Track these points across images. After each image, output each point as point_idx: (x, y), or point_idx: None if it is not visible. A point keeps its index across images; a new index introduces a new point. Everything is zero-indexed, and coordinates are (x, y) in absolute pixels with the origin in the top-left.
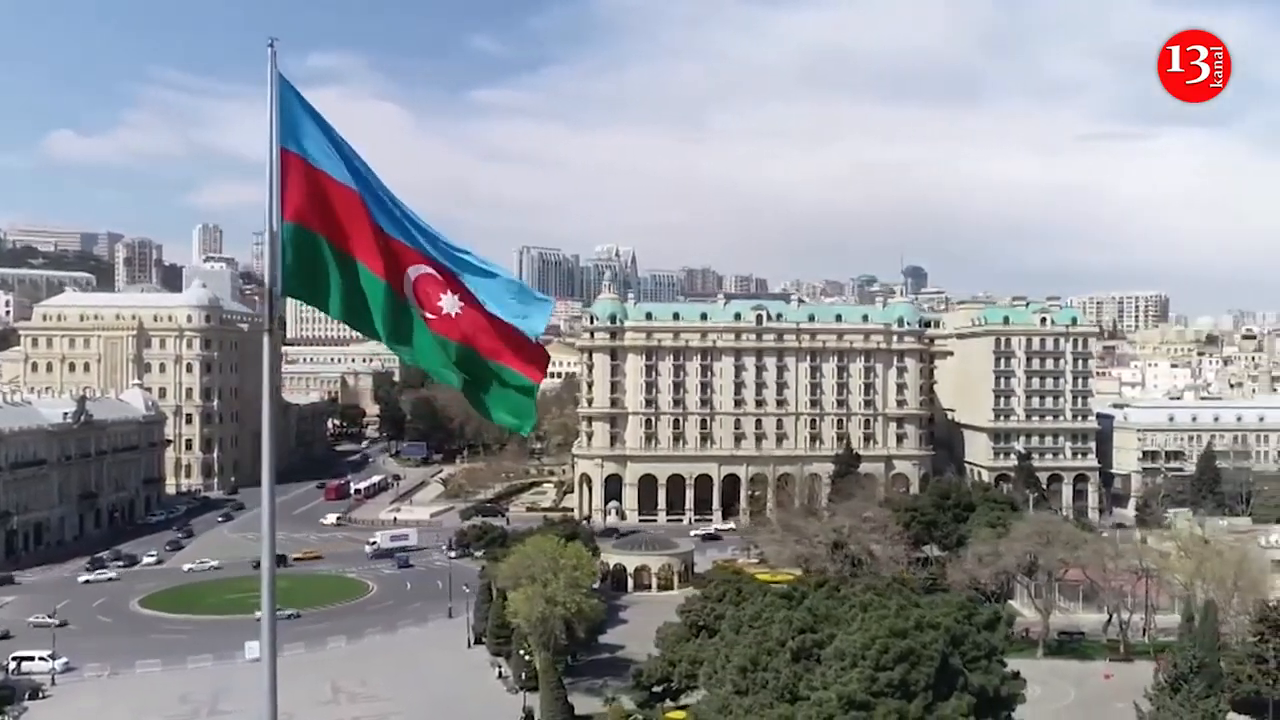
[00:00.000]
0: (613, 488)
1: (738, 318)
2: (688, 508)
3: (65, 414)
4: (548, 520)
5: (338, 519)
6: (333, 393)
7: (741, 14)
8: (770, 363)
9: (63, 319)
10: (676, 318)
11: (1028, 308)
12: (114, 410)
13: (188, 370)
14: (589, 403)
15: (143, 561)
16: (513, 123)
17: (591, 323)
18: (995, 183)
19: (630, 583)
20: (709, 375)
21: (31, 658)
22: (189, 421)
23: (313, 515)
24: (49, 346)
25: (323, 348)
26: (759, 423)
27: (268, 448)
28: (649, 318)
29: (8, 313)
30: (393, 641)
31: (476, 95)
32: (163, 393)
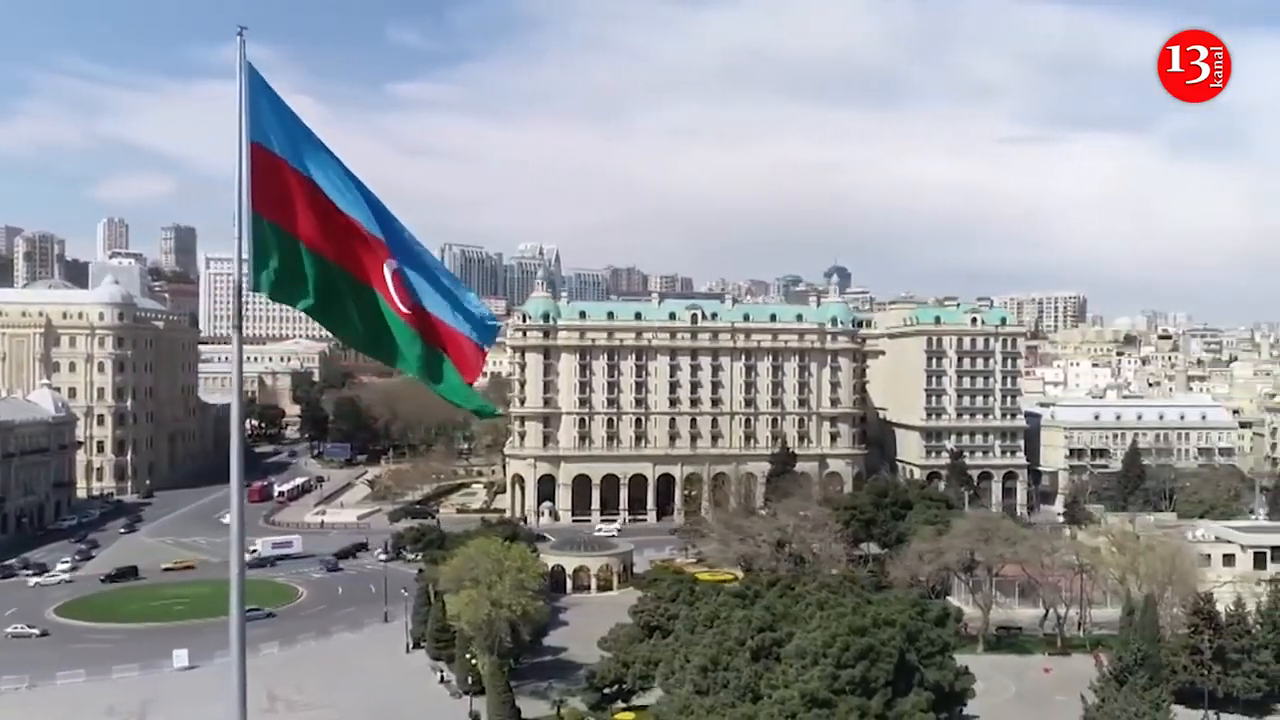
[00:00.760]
0: (546, 488)
1: (672, 317)
2: (622, 508)
3: None
4: (485, 522)
5: (263, 520)
6: (250, 393)
7: (662, 11)
8: (705, 362)
9: None
10: (611, 316)
11: (959, 308)
12: (20, 411)
13: (99, 370)
14: (521, 402)
15: (57, 569)
16: (433, 117)
17: (524, 321)
18: (917, 184)
19: (569, 584)
20: (643, 374)
21: None
22: (101, 423)
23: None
24: None
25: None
26: (694, 422)
27: (236, 448)
28: (583, 316)
29: None
30: (327, 647)
31: (396, 89)
32: (73, 393)
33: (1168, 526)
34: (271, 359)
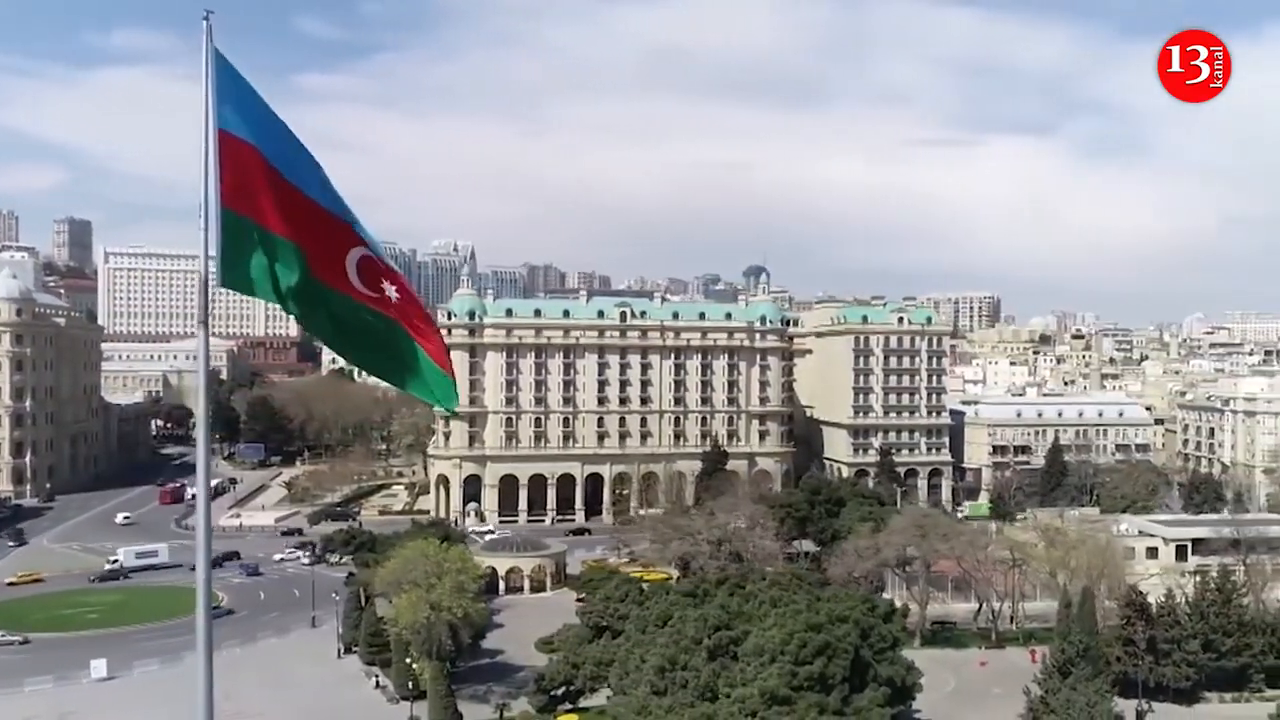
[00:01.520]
0: (472, 489)
1: (601, 315)
2: (549, 508)
3: None
4: (416, 523)
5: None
6: (154, 392)
7: (578, 7)
8: (634, 360)
9: None
10: (538, 314)
11: (885, 307)
12: None
13: None
14: None
15: None
16: (345, 110)
17: (449, 319)
18: (833, 185)
19: (502, 585)
20: (571, 373)
21: None
22: None
23: (148, 522)
24: None
25: (142, 344)
26: (623, 421)
27: (202, 445)
28: (509, 314)
29: None
30: (254, 654)
31: (305, 80)
32: None
33: (1093, 521)
34: (176, 357)
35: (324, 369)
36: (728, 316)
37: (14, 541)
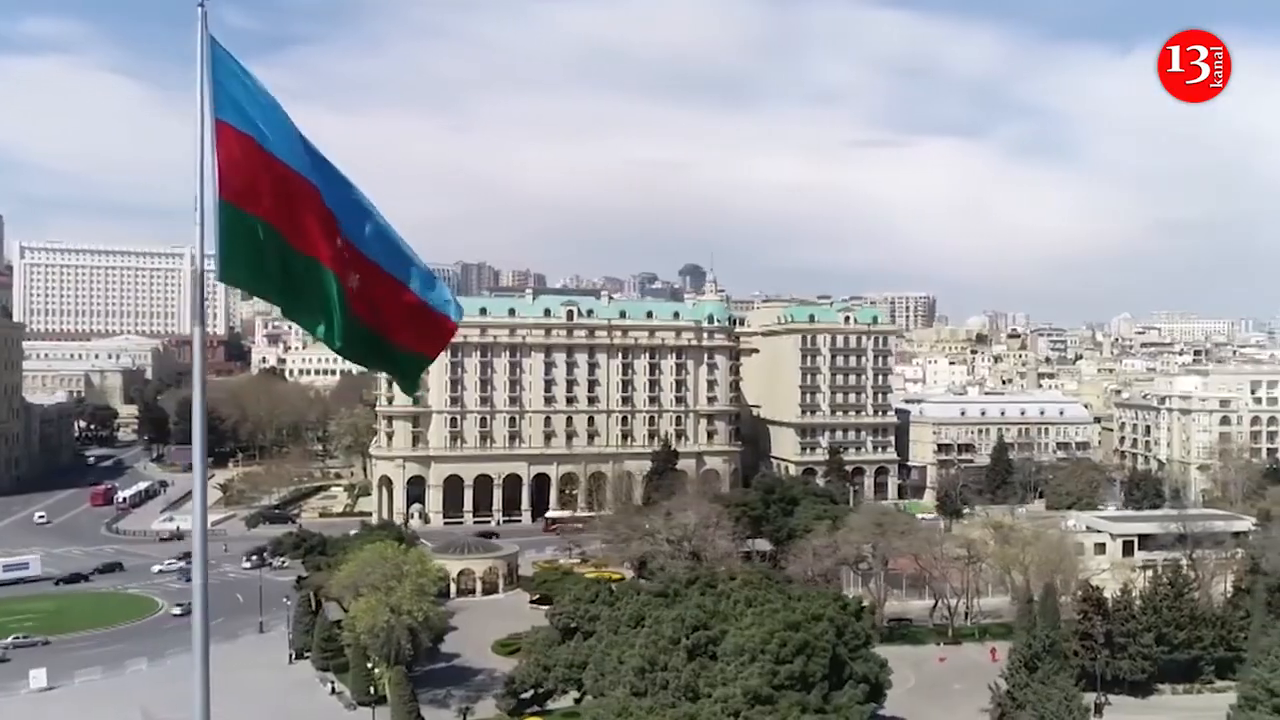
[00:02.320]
0: (415, 490)
1: (548, 313)
2: (495, 508)
3: None
4: (366, 525)
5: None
6: (77, 392)
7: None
8: (581, 359)
9: None
10: (483, 313)
11: (831, 307)
12: None
13: None
14: (389, 401)
15: None
16: None
17: None
18: (769, 185)
19: (453, 587)
20: (517, 372)
21: None
22: None
23: (78, 525)
24: None
25: (63, 343)
26: (570, 420)
27: (199, 442)
28: None
29: None
30: None
31: None
32: None
33: (1040, 518)
34: (99, 356)
35: (254, 368)
36: (675, 316)
37: None
